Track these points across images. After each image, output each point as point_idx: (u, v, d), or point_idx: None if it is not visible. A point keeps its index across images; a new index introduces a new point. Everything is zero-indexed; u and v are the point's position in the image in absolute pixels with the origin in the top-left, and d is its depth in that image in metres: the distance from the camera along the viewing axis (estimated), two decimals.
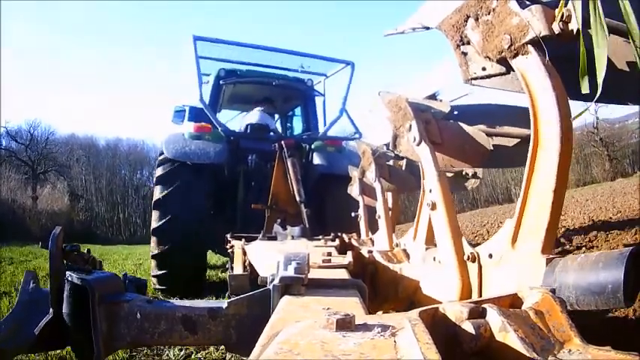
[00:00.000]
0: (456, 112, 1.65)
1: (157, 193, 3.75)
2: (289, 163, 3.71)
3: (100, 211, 31.47)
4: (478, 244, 1.20)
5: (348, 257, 1.61)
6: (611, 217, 5.53)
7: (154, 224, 3.70)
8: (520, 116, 1.49)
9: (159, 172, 3.85)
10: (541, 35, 0.95)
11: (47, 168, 31.91)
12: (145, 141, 36.33)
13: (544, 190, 0.97)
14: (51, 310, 1.21)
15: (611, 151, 24.61)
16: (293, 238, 3.03)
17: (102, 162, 33.72)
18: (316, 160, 4.36)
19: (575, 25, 0.84)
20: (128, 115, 68.80)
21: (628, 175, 21.99)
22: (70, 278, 1.17)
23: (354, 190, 2.79)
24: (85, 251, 1.44)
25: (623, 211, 6.01)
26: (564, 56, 0.96)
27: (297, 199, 3.54)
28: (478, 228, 8.97)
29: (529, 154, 1.01)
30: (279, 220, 3.51)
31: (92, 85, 67.21)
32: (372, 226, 2.51)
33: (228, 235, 3.35)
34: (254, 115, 4.72)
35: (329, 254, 1.70)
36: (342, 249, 2.20)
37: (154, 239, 3.72)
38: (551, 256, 0.95)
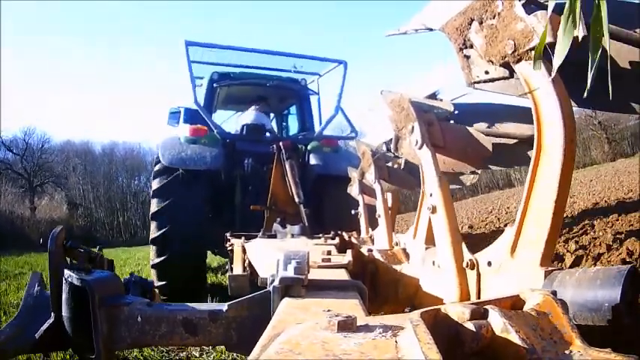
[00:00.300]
0: (456, 112, 1.64)
1: (154, 205, 3.75)
2: (287, 166, 3.71)
3: (99, 216, 31.08)
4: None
5: (348, 256, 1.60)
6: (623, 197, 5.43)
7: (153, 234, 3.71)
8: (521, 115, 1.49)
9: (155, 184, 3.83)
10: (546, 42, 0.93)
11: (44, 180, 31.17)
12: (142, 144, 36.18)
13: (545, 200, 0.97)
14: (52, 313, 1.21)
15: (610, 133, 24.29)
16: (293, 236, 3.03)
17: (98, 169, 33.10)
18: (313, 160, 4.36)
19: (581, 31, 0.84)
20: (125, 117, 68.72)
21: (628, 155, 21.61)
22: (69, 279, 1.16)
23: (353, 190, 2.79)
24: (97, 249, 1.44)
25: (634, 190, 5.89)
26: (567, 61, 0.95)
27: (296, 199, 3.54)
28: (486, 215, 8.89)
29: (531, 162, 1.00)
30: (278, 219, 3.51)
31: (91, 86, 67.25)
32: (372, 225, 2.50)
33: (228, 234, 3.35)
34: (249, 115, 4.74)
35: (329, 253, 1.69)
36: (342, 247, 2.19)
37: (153, 249, 3.73)
38: (550, 268, 0.95)
